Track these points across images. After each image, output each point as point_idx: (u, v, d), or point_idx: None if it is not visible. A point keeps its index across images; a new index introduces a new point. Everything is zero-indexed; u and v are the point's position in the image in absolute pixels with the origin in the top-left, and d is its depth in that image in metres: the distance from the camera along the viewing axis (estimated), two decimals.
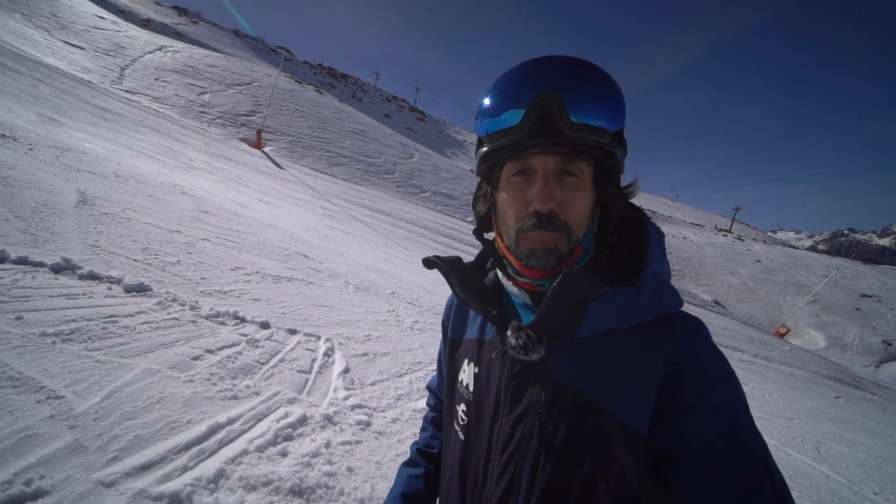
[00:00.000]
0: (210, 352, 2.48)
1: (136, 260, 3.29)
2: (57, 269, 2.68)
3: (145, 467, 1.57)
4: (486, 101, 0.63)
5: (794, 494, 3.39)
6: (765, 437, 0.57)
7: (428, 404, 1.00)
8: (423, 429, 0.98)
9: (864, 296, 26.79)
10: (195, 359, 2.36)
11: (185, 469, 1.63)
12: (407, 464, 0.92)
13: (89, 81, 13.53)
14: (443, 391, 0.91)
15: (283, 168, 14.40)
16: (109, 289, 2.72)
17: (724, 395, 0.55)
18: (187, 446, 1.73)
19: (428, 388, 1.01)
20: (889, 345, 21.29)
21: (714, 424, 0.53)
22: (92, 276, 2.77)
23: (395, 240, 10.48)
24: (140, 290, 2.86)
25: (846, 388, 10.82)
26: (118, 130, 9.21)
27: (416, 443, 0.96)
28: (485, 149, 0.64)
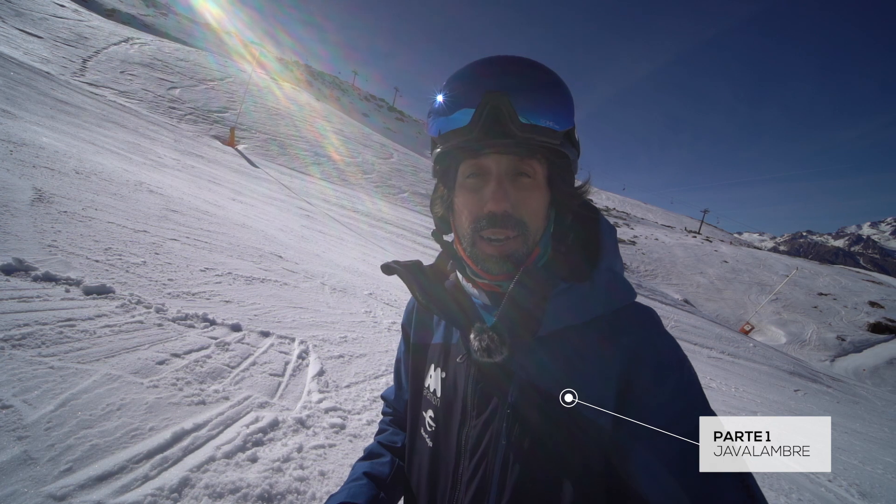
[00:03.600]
0: (176, 356, 2.39)
1: (97, 261, 3.13)
2: (8, 271, 2.52)
3: (102, 478, 1.49)
4: (437, 101, 0.63)
5: None
6: None
7: (382, 413, 0.97)
8: (380, 431, 0.93)
9: (820, 294, 28.42)
10: (160, 363, 2.26)
11: (146, 479, 1.55)
12: (365, 458, 0.85)
13: (48, 72, 12.81)
14: (400, 401, 0.89)
15: (257, 166, 14.04)
16: (67, 291, 2.58)
17: (678, 381, 0.57)
18: (149, 455, 1.66)
19: (382, 398, 0.98)
20: (843, 340, 22.67)
21: (669, 409, 0.54)
22: (48, 278, 2.61)
23: (373, 240, 10.37)
24: (101, 292, 2.71)
25: (805, 382, 11.43)
26: (80, 125, 8.75)
27: (374, 440, 0.90)
28: (438, 150, 0.64)
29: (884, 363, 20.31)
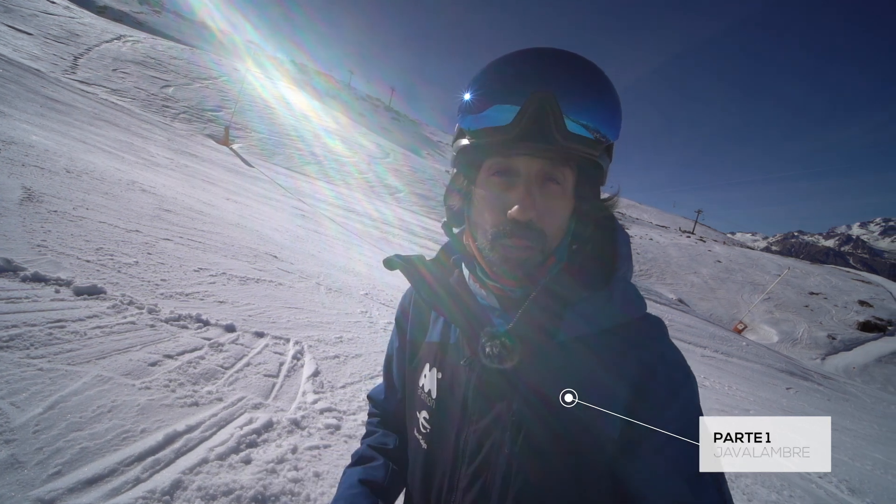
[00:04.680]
0: (169, 357, 2.36)
1: (88, 261, 3.09)
2: None
3: (92, 482, 1.46)
4: (474, 92, 0.58)
5: (747, 481, 3.56)
6: None
7: (369, 414, 0.91)
8: (368, 433, 0.87)
9: (812, 293, 28.75)
10: (152, 365, 2.24)
11: (137, 481, 1.53)
12: (356, 463, 0.80)
13: (38, 70, 12.65)
14: (391, 402, 0.85)
15: (252, 166, 13.95)
16: (57, 291, 2.54)
17: (686, 397, 0.56)
18: (140, 457, 1.64)
19: (369, 398, 0.91)
20: (833, 339, 22.95)
21: (678, 423, 0.54)
22: (37, 279, 2.57)
23: (369, 240, 10.34)
24: (92, 292, 2.68)
25: (796, 380, 11.54)
26: (71, 123, 8.65)
27: (363, 443, 0.85)
28: (466, 142, 0.59)
29: (873, 361, 20.60)
